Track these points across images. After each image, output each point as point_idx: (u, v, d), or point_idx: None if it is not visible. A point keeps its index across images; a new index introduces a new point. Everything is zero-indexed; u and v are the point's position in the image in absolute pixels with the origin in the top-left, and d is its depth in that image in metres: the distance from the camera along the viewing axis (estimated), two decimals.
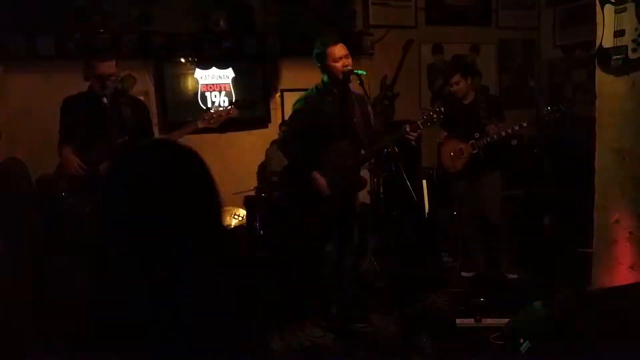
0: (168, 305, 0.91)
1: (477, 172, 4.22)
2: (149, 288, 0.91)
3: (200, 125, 3.28)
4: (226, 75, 5.04)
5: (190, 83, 4.92)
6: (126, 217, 0.92)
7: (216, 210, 1.02)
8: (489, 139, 4.06)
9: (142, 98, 4.71)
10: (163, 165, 0.96)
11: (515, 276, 4.29)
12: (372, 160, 4.37)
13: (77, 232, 2.93)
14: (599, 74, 3.38)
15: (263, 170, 4.96)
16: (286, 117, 4.07)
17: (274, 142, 4.43)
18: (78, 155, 3.19)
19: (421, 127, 3.18)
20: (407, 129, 3.17)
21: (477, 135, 4.11)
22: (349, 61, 3.20)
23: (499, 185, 4.27)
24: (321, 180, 3.26)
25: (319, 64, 3.25)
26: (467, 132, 4.18)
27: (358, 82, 3.11)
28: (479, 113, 4.14)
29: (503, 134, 4.01)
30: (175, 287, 0.92)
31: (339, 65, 3.17)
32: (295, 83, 5.12)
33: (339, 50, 3.18)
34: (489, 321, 3.51)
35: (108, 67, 3.17)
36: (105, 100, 2.96)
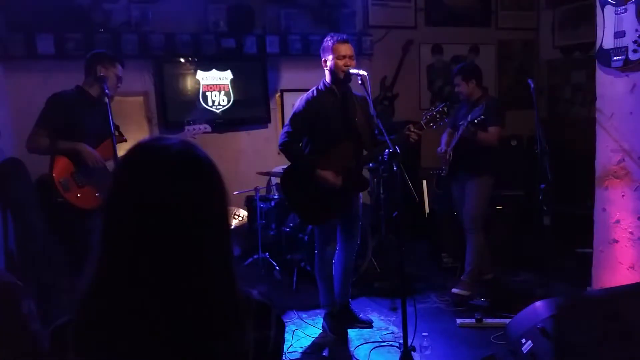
0: (172, 300, 0.92)
1: (458, 176, 4.06)
2: (155, 283, 0.92)
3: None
4: (225, 77, 5.04)
5: (189, 83, 4.92)
6: (139, 209, 0.93)
7: (225, 211, 1.04)
8: (454, 141, 3.92)
9: (141, 98, 4.75)
10: (179, 161, 0.98)
11: (490, 276, 4.20)
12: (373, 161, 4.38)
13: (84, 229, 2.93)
14: (599, 74, 3.39)
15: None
16: (286, 118, 4.05)
17: None
18: None
19: (424, 127, 3.18)
20: (411, 129, 3.16)
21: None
22: (353, 62, 3.21)
23: (479, 191, 3.96)
24: (326, 173, 3.23)
25: (323, 59, 3.26)
26: None
27: (359, 82, 3.10)
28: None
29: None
30: (181, 283, 0.93)
31: (341, 63, 3.18)
32: (296, 83, 5.12)
33: (345, 49, 3.20)
34: (489, 321, 3.53)
35: (121, 71, 3.37)
36: (107, 99, 2.99)
